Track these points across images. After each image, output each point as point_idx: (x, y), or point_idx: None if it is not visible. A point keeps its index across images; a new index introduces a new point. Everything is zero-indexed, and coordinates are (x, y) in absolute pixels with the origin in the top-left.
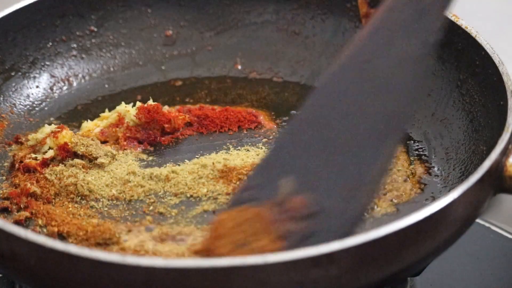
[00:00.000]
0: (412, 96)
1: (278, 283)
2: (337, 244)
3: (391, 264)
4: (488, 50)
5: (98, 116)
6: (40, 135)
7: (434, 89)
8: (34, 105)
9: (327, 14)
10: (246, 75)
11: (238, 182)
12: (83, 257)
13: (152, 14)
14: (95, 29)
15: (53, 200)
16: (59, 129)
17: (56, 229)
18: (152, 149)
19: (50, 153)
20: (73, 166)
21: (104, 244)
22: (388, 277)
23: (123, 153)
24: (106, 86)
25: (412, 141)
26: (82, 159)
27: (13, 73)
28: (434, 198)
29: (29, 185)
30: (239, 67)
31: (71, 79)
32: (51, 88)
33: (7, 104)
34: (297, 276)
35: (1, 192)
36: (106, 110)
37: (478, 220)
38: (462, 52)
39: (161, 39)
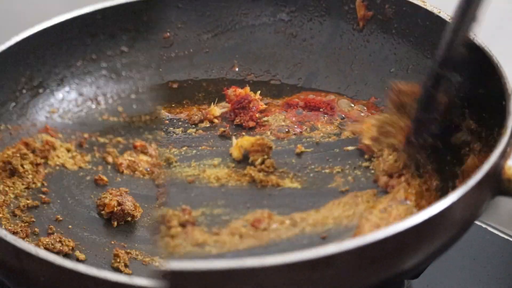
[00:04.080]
0: None
1: (275, 286)
2: (334, 247)
3: (389, 267)
4: (486, 52)
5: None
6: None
7: None
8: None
9: (325, 16)
10: (243, 78)
11: None
12: (91, 276)
13: (150, 16)
14: (126, 50)
15: None
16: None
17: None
18: None
19: None
20: None
21: None
22: (385, 280)
23: None
24: (134, 106)
25: None
26: None
27: (41, 90)
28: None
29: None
30: (237, 69)
31: (99, 98)
32: (78, 106)
33: (33, 122)
34: (294, 279)
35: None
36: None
37: (475, 221)
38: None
39: (159, 41)
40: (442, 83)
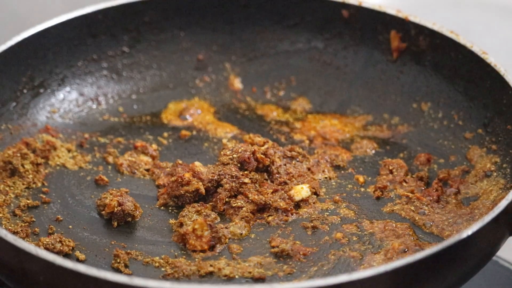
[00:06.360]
0: None
1: None
2: (344, 277)
3: None
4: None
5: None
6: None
7: (460, 126)
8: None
9: (359, 45)
10: (275, 103)
11: None
12: (91, 276)
13: (185, 37)
14: (127, 50)
15: None
16: None
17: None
18: None
19: None
20: None
21: None
22: None
23: None
24: (135, 107)
25: None
26: None
27: (41, 90)
28: None
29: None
30: (269, 94)
31: (100, 98)
32: (79, 106)
33: (33, 122)
34: None
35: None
36: None
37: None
38: (489, 89)
39: (193, 62)
40: None
